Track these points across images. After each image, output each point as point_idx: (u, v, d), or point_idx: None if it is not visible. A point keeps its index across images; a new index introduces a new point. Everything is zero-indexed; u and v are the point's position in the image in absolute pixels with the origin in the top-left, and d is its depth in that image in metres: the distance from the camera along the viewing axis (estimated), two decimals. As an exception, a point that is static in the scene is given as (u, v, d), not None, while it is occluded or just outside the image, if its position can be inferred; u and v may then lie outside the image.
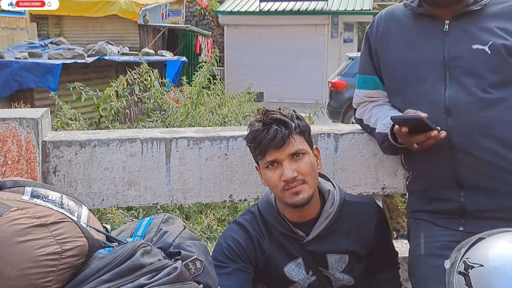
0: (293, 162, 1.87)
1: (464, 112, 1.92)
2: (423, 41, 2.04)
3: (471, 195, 1.96)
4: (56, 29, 15.86)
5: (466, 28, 1.98)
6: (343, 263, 2.03)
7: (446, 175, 1.99)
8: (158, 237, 1.46)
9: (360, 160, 2.40)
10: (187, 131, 2.34)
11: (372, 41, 2.20)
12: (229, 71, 19.66)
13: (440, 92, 1.96)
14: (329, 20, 18.99)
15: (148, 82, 6.52)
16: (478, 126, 1.91)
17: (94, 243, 1.32)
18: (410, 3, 2.10)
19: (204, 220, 4.50)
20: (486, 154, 1.91)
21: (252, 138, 1.91)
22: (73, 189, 2.20)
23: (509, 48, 1.92)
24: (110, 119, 6.32)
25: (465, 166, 1.94)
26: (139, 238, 1.46)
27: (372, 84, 2.23)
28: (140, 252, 1.29)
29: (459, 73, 1.95)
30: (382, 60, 2.16)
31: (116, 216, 4.25)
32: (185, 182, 2.28)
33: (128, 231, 1.53)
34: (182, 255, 1.40)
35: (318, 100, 17.67)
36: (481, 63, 1.93)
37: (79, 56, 9.41)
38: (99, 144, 2.19)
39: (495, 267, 1.27)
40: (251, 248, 2.00)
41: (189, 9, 21.21)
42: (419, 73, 2.03)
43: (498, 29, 1.95)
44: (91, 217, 1.44)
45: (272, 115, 1.90)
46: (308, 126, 1.98)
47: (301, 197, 1.88)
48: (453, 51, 1.97)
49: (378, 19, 2.21)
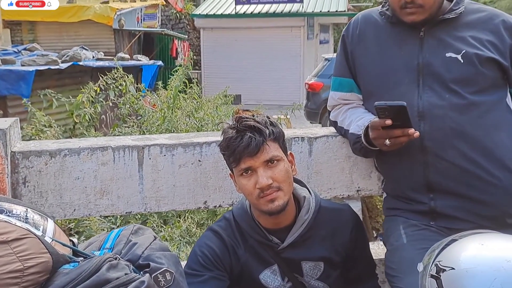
0: (267, 169, 1.85)
1: (437, 116, 1.94)
2: (398, 46, 2.06)
3: (441, 199, 1.98)
4: (30, 35, 15.67)
5: (441, 36, 2.00)
6: (318, 271, 2.02)
7: (417, 178, 2.01)
8: (127, 249, 1.43)
9: (335, 163, 2.39)
10: (159, 138, 2.32)
11: (348, 43, 2.20)
12: (206, 74, 19.62)
13: (414, 97, 1.98)
14: (304, 22, 19.06)
15: (123, 87, 6.47)
16: (451, 131, 1.93)
17: (58, 258, 1.29)
18: (385, 11, 2.10)
19: (183, 224, 4.48)
20: (458, 159, 1.93)
21: (226, 146, 1.88)
22: (44, 199, 2.16)
23: (481, 57, 1.95)
24: (85, 125, 6.26)
25: (437, 170, 1.96)
26: (107, 251, 1.43)
27: (347, 87, 2.23)
28: (106, 267, 1.26)
29: (432, 80, 1.97)
30: (358, 62, 2.17)
31: (94, 223, 4.20)
32: (158, 190, 2.25)
33: (96, 243, 1.50)
34: (151, 267, 1.37)
35: (295, 101, 17.52)
36: (454, 71, 1.95)
37: (53, 63, 9.28)
38: (70, 153, 2.16)
39: (466, 270, 1.27)
40: (226, 256, 1.98)
41: (165, 13, 21.14)
42: (394, 77, 2.04)
43: (471, 39, 1.98)
44: (58, 230, 1.40)
45: (245, 122, 1.87)
46: (282, 132, 1.96)
47: (276, 204, 1.86)
48: (427, 57, 1.99)
49: (355, 22, 2.22)
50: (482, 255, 1.31)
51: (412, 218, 2.06)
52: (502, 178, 1.92)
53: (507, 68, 1.98)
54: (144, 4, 17.58)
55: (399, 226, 2.08)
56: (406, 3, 1.95)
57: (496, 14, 2.05)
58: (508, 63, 1.98)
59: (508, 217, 1.97)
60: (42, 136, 5.53)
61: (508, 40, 1.99)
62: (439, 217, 2.00)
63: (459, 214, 1.96)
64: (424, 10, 1.95)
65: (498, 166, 1.92)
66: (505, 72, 2.00)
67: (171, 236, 4.34)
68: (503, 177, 1.92)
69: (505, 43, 1.98)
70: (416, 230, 2.03)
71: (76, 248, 1.41)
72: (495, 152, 1.93)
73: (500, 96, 2.00)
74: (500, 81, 2.01)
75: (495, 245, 1.34)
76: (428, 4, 1.94)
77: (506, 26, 2.00)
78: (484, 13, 2.05)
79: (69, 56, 10.05)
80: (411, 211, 2.07)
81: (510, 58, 1.99)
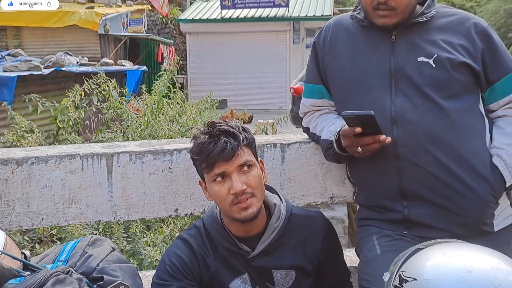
0: (241, 174, 1.83)
1: (410, 122, 1.92)
2: (370, 51, 2.04)
3: (415, 207, 1.96)
4: (15, 41, 15.53)
5: (412, 40, 1.98)
6: (289, 279, 1.99)
7: (391, 185, 1.99)
8: (82, 261, 1.40)
9: (308, 169, 2.37)
10: (130, 145, 2.29)
11: (319, 50, 2.19)
12: (192, 78, 19.59)
13: (386, 102, 1.96)
14: (290, 26, 19.07)
15: (107, 92, 6.44)
16: (424, 136, 1.91)
17: (4, 272, 1.25)
18: (357, 14, 2.08)
19: (166, 230, 4.45)
20: (431, 166, 1.91)
21: (199, 151, 1.84)
22: (11, 208, 2.12)
23: (453, 61, 1.92)
24: (68, 131, 6.22)
25: (410, 177, 1.94)
26: (62, 264, 1.39)
27: (318, 94, 2.22)
28: (51, 282, 1.22)
29: (404, 84, 1.95)
30: (330, 69, 2.14)
31: (76, 229, 4.15)
32: (128, 198, 2.22)
33: (51, 256, 1.46)
34: (105, 280, 1.34)
35: (281, 106, 17.72)
36: (426, 76, 1.93)
37: (35, 68, 9.20)
38: (37, 161, 2.12)
39: (428, 281, 1.24)
40: (195, 265, 1.95)
41: (151, 18, 21.08)
42: (366, 82, 2.02)
43: (443, 42, 1.96)
44: (9, 242, 1.36)
45: (219, 127, 1.84)
46: (253, 139, 1.95)
47: (250, 212, 1.83)
48: (399, 61, 1.97)
49: (326, 28, 2.20)
50: (445, 265, 1.28)
51: (385, 228, 2.04)
52: (474, 186, 1.90)
53: (479, 72, 1.96)
54: (130, 9, 17.49)
55: (373, 236, 2.06)
56: (379, 4, 1.92)
57: (467, 17, 2.03)
58: (480, 68, 1.96)
59: (482, 225, 1.95)
60: (23, 142, 5.47)
61: (480, 45, 1.96)
62: (413, 226, 1.98)
63: (433, 222, 1.94)
64: (396, 13, 1.93)
65: (470, 173, 1.91)
66: (477, 77, 1.97)
67: (154, 242, 4.32)
68: (476, 185, 1.91)
69: (476, 47, 1.96)
70: (389, 240, 2.01)
71: (27, 261, 1.37)
72: (468, 158, 1.91)
73: (473, 101, 1.98)
74: (473, 86, 1.99)
75: (458, 255, 1.32)
76: (401, 7, 1.92)
77: (478, 29, 1.98)
78: (456, 17, 2.02)
79: (52, 62, 9.97)
80: (385, 221, 2.04)
81: (482, 63, 1.96)
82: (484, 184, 1.92)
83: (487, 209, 1.94)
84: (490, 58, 1.97)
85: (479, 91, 2.02)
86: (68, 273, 1.29)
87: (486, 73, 1.97)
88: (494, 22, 33.34)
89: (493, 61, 1.97)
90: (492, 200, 1.94)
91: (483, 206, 1.93)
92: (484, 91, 2.01)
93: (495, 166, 1.94)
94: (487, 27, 2.00)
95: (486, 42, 1.97)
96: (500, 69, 1.98)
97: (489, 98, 2.02)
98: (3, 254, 1.30)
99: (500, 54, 1.99)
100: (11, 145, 5.45)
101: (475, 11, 39.77)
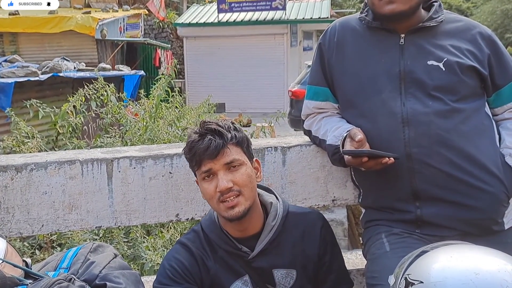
0: (228, 172, 1.84)
1: (422, 122, 1.93)
2: (379, 53, 2.04)
3: (427, 207, 1.96)
4: (12, 46, 15.52)
5: (421, 44, 2.00)
6: (290, 279, 1.98)
7: (403, 186, 1.98)
8: (84, 268, 1.38)
9: (309, 172, 2.36)
10: (130, 150, 2.28)
11: (325, 51, 2.18)
12: (190, 82, 19.59)
13: (397, 104, 1.97)
14: (287, 29, 19.09)
15: (105, 97, 6.42)
16: (436, 136, 1.92)
17: (5, 281, 1.23)
18: (365, 17, 2.08)
19: (166, 235, 4.43)
20: (444, 165, 1.91)
21: (189, 149, 1.88)
22: (11, 215, 2.11)
23: (462, 65, 1.96)
24: (67, 136, 6.20)
25: (423, 177, 1.94)
26: (63, 271, 1.37)
27: (322, 96, 2.21)
28: None
29: (414, 87, 1.97)
30: (336, 71, 2.14)
31: (76, 235, 4.14)
32: (128, 203, 2.21)
33: (53, 263, 1.44)
34: (108, 287, 1.32)
35: (279, 109, 17.51)
36: (435, 79, 1.95)
37: (33, 74, 9.19)
38: (36, 167, 2.11)
39: (435, 284, 1.23)
40: (195, 268, 1.94)
41: (148, 22, 21.09)
42: (375, 85, 2.02)
43: (451, 47, 1.99)
44: (10, 250, 1.35)
45: (207, 126, 1.88)
46: (246, 138, 1.95)
47: (236, 211, 1.84)
48: (409, 65, 1.99)
49: (332, 29, 2.19)
50: (451, 267, 1.27)
51: (395, 227, 2.04)
52: (489, 182, 1.91)
53: (486, 76, 2.00)
54: (127, 14, 17.50)
55: (381, 234, 2.06)
56: None
57: (473, 24, 2.08)
58: (487, 72, 2.00)
59: (494, 224, 1.96)
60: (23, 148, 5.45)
61: (486, 50, 2.01)
62: (424, 225, 1.98)
63: (445, 222, 1.94)
64: (404, 0, 1.93)
65: (483, 172, 1.92)
66: (484, 81, 2.01)
67: (154, 247, 4.30)
68: (490, 181, 1.92)
69: (483, 52, 2.00)
70: (399, 238, 2.01)
71: (28, 269, 1.36)
72: (480, 158, 1.92)
73: (479, 104, 2.01)
74: (479, 90, 2.02)
75: (464, 258, 1.31)
76: None
77: (483, 36, 2.03)
78: (461, 23, 2.06)
79: (49, 67, 9.96)
80: (395, 221, 2.04)
81: (488, 67, 2.01)
82: (497, 183, 1.93)
83: (500, 207, 1.96)
84: (496, 63, 2.02)
85: (485, 95, 2.05)
86: (71, 281, 1.27)
87: (492, 78, 2.02)
88: (491, 23, 33.49)
89: (499, 66, 2.02)
90: (505, 198, 1.95)
91: (497, 204, 1.94)
92: (490, 95, 2.06)
93: (508, 165, 1.97)
94: (492, 34, 2.06)
95: (492, 48, 2.02)
96: (507, 75, 2.04)
97: (494, 102, 2.07)
98: (4, 262, 1.28)
99: (506, 60, 2.04)
100: (11, 150, 5.43)
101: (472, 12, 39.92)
